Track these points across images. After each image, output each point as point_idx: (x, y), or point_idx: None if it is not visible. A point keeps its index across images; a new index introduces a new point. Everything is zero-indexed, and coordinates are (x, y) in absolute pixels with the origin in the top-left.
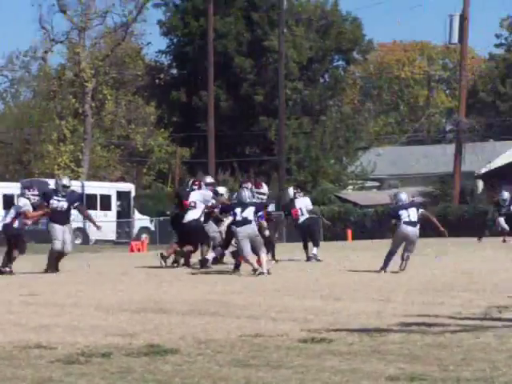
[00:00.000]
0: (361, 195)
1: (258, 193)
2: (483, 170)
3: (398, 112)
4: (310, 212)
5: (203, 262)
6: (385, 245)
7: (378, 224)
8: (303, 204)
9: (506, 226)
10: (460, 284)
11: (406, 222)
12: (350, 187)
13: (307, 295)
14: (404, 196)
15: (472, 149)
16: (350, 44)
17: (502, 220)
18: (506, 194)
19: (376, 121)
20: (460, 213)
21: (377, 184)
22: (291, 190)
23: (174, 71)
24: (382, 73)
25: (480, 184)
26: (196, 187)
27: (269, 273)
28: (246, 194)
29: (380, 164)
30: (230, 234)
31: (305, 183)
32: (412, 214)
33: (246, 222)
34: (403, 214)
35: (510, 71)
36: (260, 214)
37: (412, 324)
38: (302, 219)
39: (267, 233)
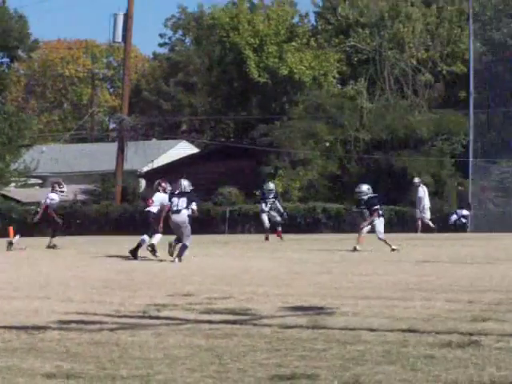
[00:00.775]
0: (23, 192)
1: None
2: (146, 169)
3: (62, 110)
4: None
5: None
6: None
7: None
8: None
9: (268, 223)
10: (119, 282)
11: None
12: (13, 184)
13: None
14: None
15: (135, 147)
16: (15, 41)
17: (265, 216)
18: (271, 185)
19: (40, 118)
20: (122, 211)
21: (40, 181)
22: None
23: None
24: (47, 70)
25: (143, 182)
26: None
27: None
28: None
29: (43, 161)
30: None
31: None
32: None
33: None
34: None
35: (173, 71)
36: None
37: (70, 322)
38: None
39: None
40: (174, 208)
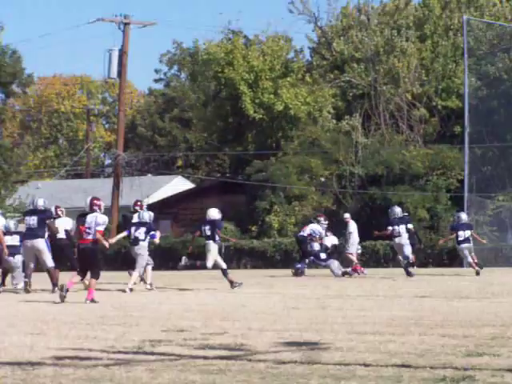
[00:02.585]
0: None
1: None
2: None
3: (58, 145)
4: None
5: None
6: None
7: None
8: None
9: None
10: (113, 317)
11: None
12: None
13: None
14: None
15: (130, 183)
16: (9, 77)
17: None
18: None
19: (35, 154)
20: (117, 247)
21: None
22: None
23: None
24: (42, 106)
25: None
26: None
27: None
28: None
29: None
30: None
31: None
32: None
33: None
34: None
35: (168, 106)
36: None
37: (65, 357)
38: None
39: None
40: (396, 234)
